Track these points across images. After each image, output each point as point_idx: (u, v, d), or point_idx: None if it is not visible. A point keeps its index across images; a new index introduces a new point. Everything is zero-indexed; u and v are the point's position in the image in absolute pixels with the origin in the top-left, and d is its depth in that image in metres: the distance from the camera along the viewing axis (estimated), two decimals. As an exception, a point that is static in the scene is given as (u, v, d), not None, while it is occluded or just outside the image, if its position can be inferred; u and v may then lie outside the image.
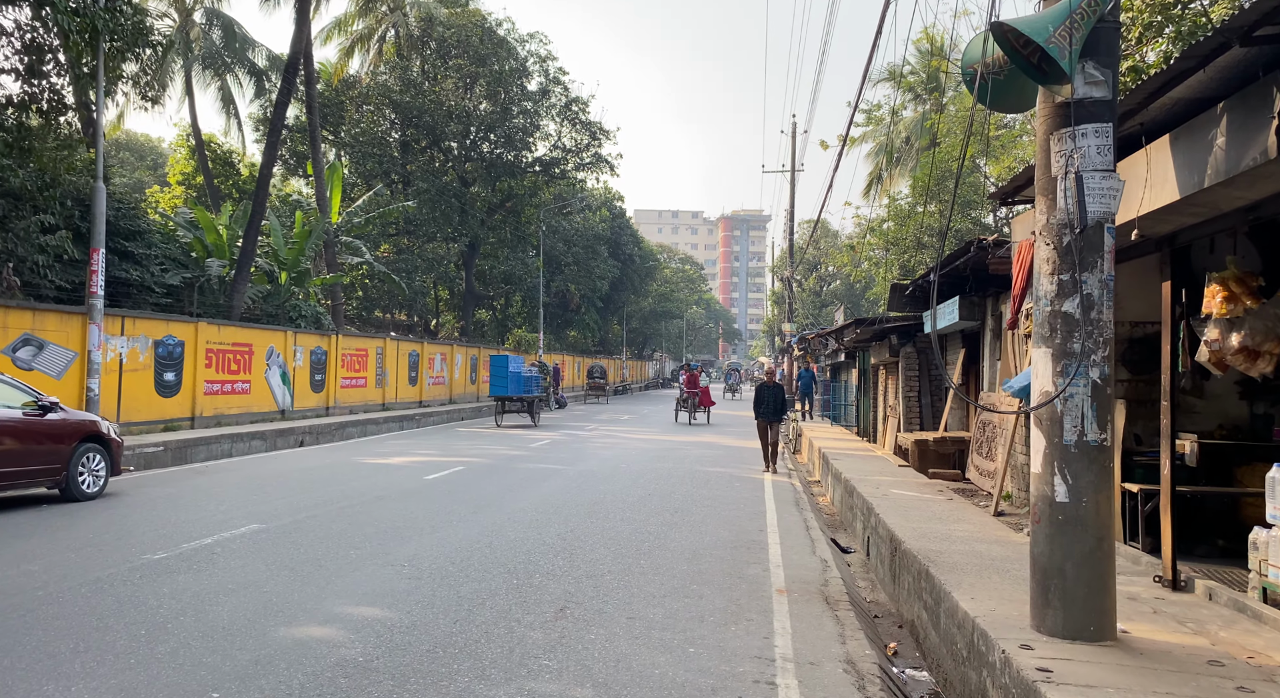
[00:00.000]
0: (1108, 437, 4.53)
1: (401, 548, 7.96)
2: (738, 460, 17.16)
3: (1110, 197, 4.46)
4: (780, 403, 15.45)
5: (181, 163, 37.16)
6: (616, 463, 15.95)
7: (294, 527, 8.81)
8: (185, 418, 18.15)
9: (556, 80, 35.52)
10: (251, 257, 21.42)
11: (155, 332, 17.23)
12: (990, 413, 10.93)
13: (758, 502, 11.83)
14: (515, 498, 11.34)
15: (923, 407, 15.60)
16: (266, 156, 21.12)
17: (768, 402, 15.40)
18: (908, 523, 8.17)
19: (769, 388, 15.55)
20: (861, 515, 9.88)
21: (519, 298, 46.97)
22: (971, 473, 11.57)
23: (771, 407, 15.38)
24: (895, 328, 15.93)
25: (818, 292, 64.07)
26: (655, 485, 12.99)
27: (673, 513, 10.55)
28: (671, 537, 9.04)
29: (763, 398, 15.49)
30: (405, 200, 31.42)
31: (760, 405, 15.53)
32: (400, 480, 12.80)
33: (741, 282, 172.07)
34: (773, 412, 15.40)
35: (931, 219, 28.41)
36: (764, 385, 15.68)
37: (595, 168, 36.87)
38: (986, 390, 11.93)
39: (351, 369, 25.72)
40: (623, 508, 10.80)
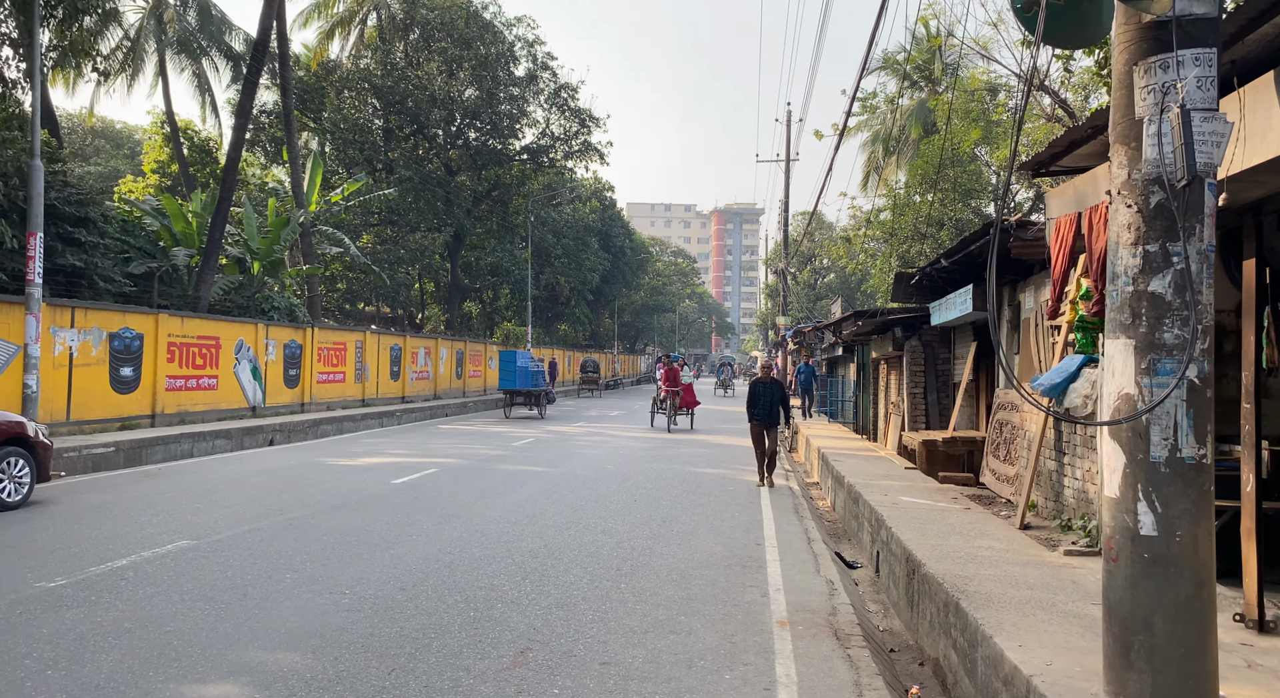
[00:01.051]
0: (1207, 453, 3.54)
1: (346, 570, 6.93)
2: (732, 461, 16.17)
3: (1213, 144, 3.46)
4: (778, 404, 12.92)
5: (156, 150, 35.91)
6: (602, 464, 14.95)
7: (230, 543, 7.78)
8: (145, 416, 17.06)
9: (545, 66, 34.38)
10: (219, 245, 20.30)
11: (110, 324, 16.13)
12: (1010, 415, 9.95)
13: (753, 509, 10.84)
14: (488, 506, 10.32)
15: (929, 404, 14.63)
16: (235, 139, 19.99)
17: (763, 402, 12.91)
18: (925, 539, 7.19)
19: (765, 386, 13.06)
20: (869, 527, 8.90)
21: (507, 291, 45.89)
22: (987, 477, 10.60)
23: (767, 408, 12.87)
24: (899, 320, 14.95)
25: (812, 285, 63.14)
26: (643, 490, 11.99)
27: (660, 523, 9.56)
28: (658, 552, 8.04)
29: (757, 397, 12.97)
30: (387, 189, 30.26)
31: (754, 406, 12.98)
32: (365, 485, 11.77)
33: (734, 275, 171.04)
34: (769, 414, 12.87)
35: (931, 208, 27.46)
36: (759, 382, 13.17)
37: (585, 156, 35.75)
38: (1003, 386, 10.95)
39: (329, 364, 24.64)
40: (605, 517, 9.79)
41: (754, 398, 13.08)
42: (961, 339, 13.76)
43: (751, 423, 13.06)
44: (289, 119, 23.67)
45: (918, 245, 28.31)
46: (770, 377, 13.37)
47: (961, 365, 13.76)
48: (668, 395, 22.74)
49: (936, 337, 14.73)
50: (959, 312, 11.81)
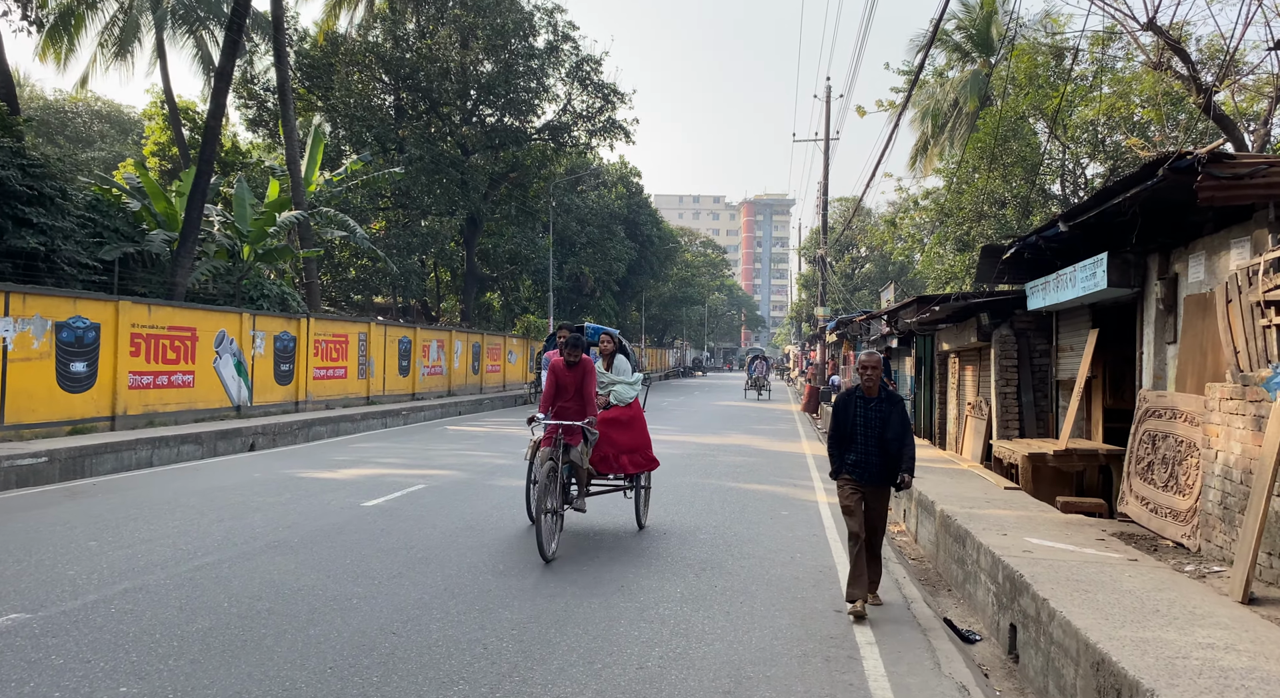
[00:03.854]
0: None
1: (223, 676, 4.54)
2: (779, 474, 13.67)
3: None
4: (900, 443, 6.39)
5: (157, 133, 33.98)
6: (625, 477, 12.48)
7: (78, 618, 5.41)
8: (103, 418, 14.89)
9: (566, 36, 31.90)
10: (197, 225, 18.12)
11: (57, 312, 13.95)
12: (1172, 424, 7.34)
13: (819, 546, 8.34)
14: (472, 543, 7.91)
15: (1023, 406, 12.01)
16: (214, 105, 17.78)
17: (867, 437, 6.42)
18: (1108, 624, 4.67)
19: (871, 405, 6.44)
20: (993, 585, 6.37)
21: (529, 282, 43.61)
22: (1131, 507, 8.00)
23: (877, 450, 6.39)
24: (985, 304, 12.34)
25: (849, 274, 60.18)
26: (674, 518, 9.53)
27: (699, 572, 7.10)
28: (697, 628, 5.59)
29: (852, 426, 6.47)
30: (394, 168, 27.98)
31: (847, 444, 6.50)
32: (326, 509, 9.42)
33: (765, 267, 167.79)
34: (881, 465, 6.40)
35: (995, 184, 24.67)
36: (857, 396, 6.52)
37: (609, 134, 33.24)
38: (1148, 387, 8.34)
39: (328, 358, 22.43)
40: (625, 563, 7.35)
41: (845, 427, 6.47)
42: (1069, 327, 11.13)
43: (841, 480, 6.46)
44: (284, 89, 21.50)
45: (977, 226, 25.57)
46: (880, 382, 6.50)
47: (1069, 359, 11.14)
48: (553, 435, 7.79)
49: (1030, 324, 12.11)
50: (1080, 290, 9.20)
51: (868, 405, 6.44)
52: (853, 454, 6.46)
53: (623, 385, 8.61)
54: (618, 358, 8.78)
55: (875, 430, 6.38)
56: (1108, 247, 8.79)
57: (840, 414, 6.57)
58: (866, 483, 6.41)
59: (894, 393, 6.62)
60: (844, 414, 6.54)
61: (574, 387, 7.69)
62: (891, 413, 6.43)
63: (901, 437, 6.41)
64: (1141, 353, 8.53)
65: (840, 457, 6.54)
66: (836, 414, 6.61)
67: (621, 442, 8.36)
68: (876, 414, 6.41)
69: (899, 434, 6.40)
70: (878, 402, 6.44)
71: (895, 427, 6.40)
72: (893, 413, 6.43)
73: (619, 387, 8.59)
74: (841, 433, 6.55)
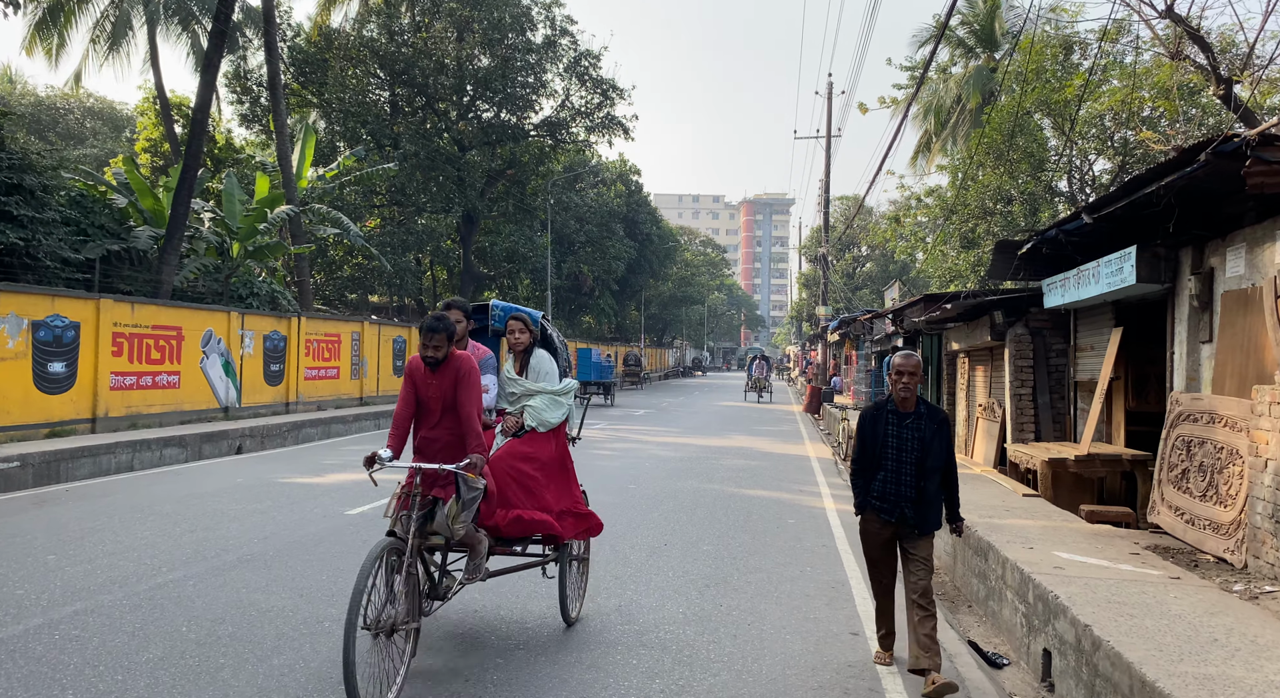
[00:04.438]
0: None
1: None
2: (783, 479, 13.17)
3: None
4: (943, 471, 5.06)
5: (149, 129, 33.45)
6: (623, 483, 12.00)
7: (12, 646, 4.89)
8: (83, 420, 14.38)
9: (564, 31, 31.36)
10: (183, 221, 17.60)
11: (34, 310, 13.44)
12: (1211, 430, 6.83)
13: (829, 558, 7.84)
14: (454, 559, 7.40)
15: (1039, 408, 11.51)
16: (201, 97, 17.24)
17: (900, 462, 5.00)
18: (1169, 660, 4.17)
19: (906, 421, 5.01)
20: (1021, 604, 5.86)
21: (527, 281, 43.09)
22: (1163, 517, 7.49)
23: (911, 482, 4.97)
24: (999, 301, 11.83)
25: (850, 274, 59.66)
26: (675, 525, 9.03)
27: (703, 588, 6.59)
28: (702, 655, 5.09)
29: (883, 447, 5.05)
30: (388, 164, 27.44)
31: (872, 471, 5.11)
32: (308, 517, 8.91)
33: (764, 267, 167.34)
34: (919, 501, 4.97)
35: (1002, 181, 24.18)
36: (889, 410, 5.09)
37: (608, 130, 32.71)
38: (1180, 389, 7.84)
39: (320, 358, 21.92)
40: (621, 576, 6.85)
41: (872, 449, 5.10)
42: (1089, 325, 10.62)
43: (866, 519, 5.16)
44: (274, 82, 20.99)
45: (983, 223, 25.09)
46: (917, 396, 5.08)
47: (1089, 359, 10.64)
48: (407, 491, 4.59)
49: (1046, 323, 11.61)
50: (1104, 286, 8.70)
51: (902, 423, 5.00)
52: (879, 483, 5.04)
53: (544, 400, 5.40)
54: (537, 355, 5.49)
55: (911, 455, 4.95)
56: (1134, 240, 8.29)
57: (866, 433, 5.11)
58: (898, 523, 4.99)
59: (936, 408, 5.16)
60: (870, 433, 5.08)
61: (441, 402, 4.64)
62: (934, 435, 4.95)
63: (946, 467, 5.04)
64: (1172, 353, 8.03)
65: (865, 487, 5.12)
66: (862, 432, 5.16)
67: (541, 490, 5.21)
68: (913, 435, 4.96)
69: (943, 462, 5.00)
70: (914, 418, 4.99)
71: (938, 453, 4.95)
72: (935, 435, 4.95)
73: (538, 402, 5.39)
74: (867, 457, 5.10)
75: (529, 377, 5.50)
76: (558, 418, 5.53)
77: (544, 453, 5.36)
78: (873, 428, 5.10)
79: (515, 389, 5.50)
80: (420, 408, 4.77)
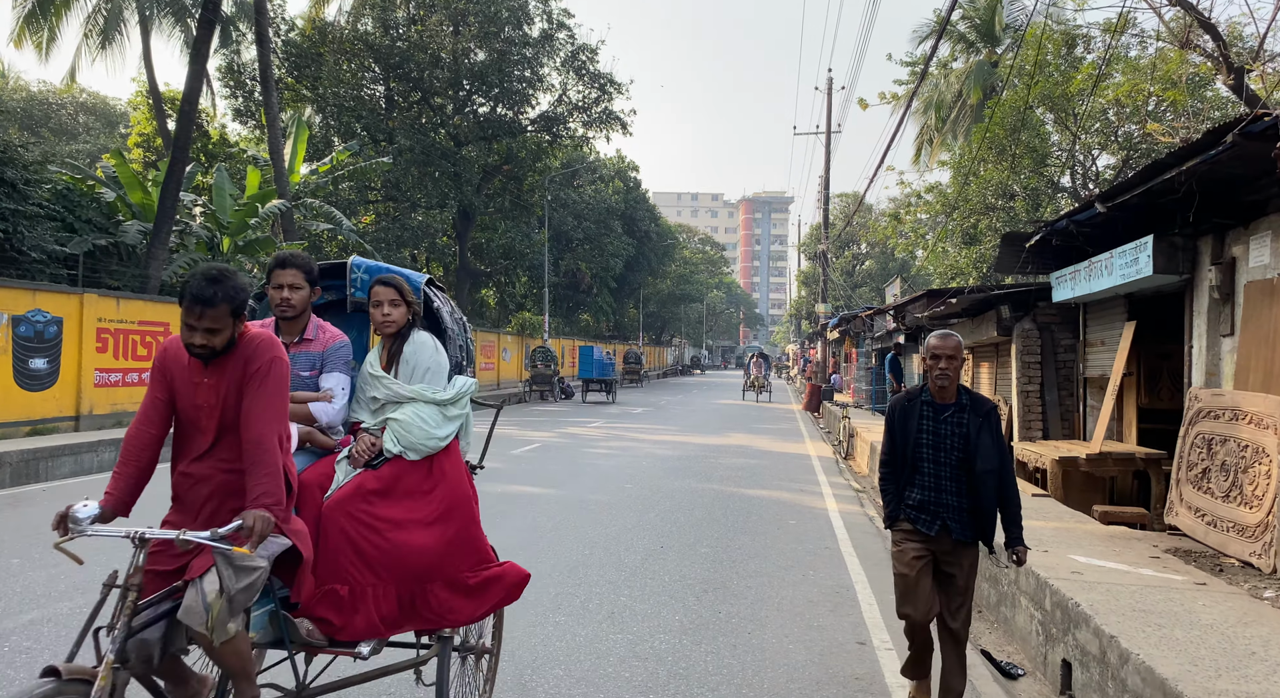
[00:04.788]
0: None
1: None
2: (784, 477, 12.84)
3: None
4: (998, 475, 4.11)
5: (142, 124, 33.10)
6: (620, 482, 11.67)
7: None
8: (66, 417, 14.04)
9: (561, 24, 31.00)
10: (171, 215, 17.26)
11: (14, 305, 13.09)
12: (1234, 427, 6.51)
13: (832, 561, 7.51)
14: (446, 559, 7.07)
15: (1046, 405, 11.19)
16: (189, 87, 16.89)
17: (943, 464, 4.14)
18: (1206, 677, 3.85)
19: (942, 416, 4.17)
20: (1037, 611, 5.53)
21: (525, 278, 42.74)
22: (1182, 518, 7.17)
23: (955, 483, 4.11)
24: (1007, 296, 11.51)
25: (849, 271, 59.35)
26: (672, 527, 8.70)
27: (700, 593, 6.26)
28: (699, 667, 4.77)
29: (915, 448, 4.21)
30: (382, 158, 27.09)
31: (911, 474, 4.22)
32: (291, 519, 8.57)
33: (763, 265, 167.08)
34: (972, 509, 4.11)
35: (1005, 176, 23.89)
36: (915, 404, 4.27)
37: (605, 125, 32.36)
38: (1199, 385, 7.52)
39: (312, 355, 21.54)
40: (616, 581, 6.51)
41: (905, 448, 4.24)
42: (1099, 319, 10.30)
43: (898, 531, 4.25)
44: (266, 75, 20.62)
45: (985, 219, 24.80)
46: (958, 384, 4.25)
47: (1098, 355, 10.31)
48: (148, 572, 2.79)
49: (1055, 318, 11.29)
50: (1118, 278, 8.39)
51: (939, 416, 4.16)
52: (917, 490, 4.16)
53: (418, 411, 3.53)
54: (415, 341, 3.65)
55: (952, 454, 4.10)
56: (1149, 231, 7.97)
57: (896, 428, 4.26)
58: (939, 536, 4.11)
59: (981, 397, 4.27)
60: (902, 429, 4.23)
61: (218, 416, 2.96)
62: (979, 429, 4.10)
63: (999, 468, 4.08)
64: (1190, 347, 7.70)
65: (898, 494, 4.25)
66: (891, 428, 4.30)
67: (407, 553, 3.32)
68: (953, 430, 4.12)
69: (994, 463, 4.06)
70: (955, 411, 4.15)
71: (987, 451, 4.05)
72: (982, 428, 4.10)
73: (408, 414, 3.52)
74: (899, 457, 4.24)
75: (399, 373, 3.53)
76: (439, 438, 3.47)
77: (416, 491, 3.38)
78: (903, 423, 4.24)
79: (377, 392, 3.53)
80: (180, 425, 2.96)
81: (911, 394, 4.32)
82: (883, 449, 4.44)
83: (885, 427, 4.40)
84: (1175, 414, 10.13)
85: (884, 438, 4.42)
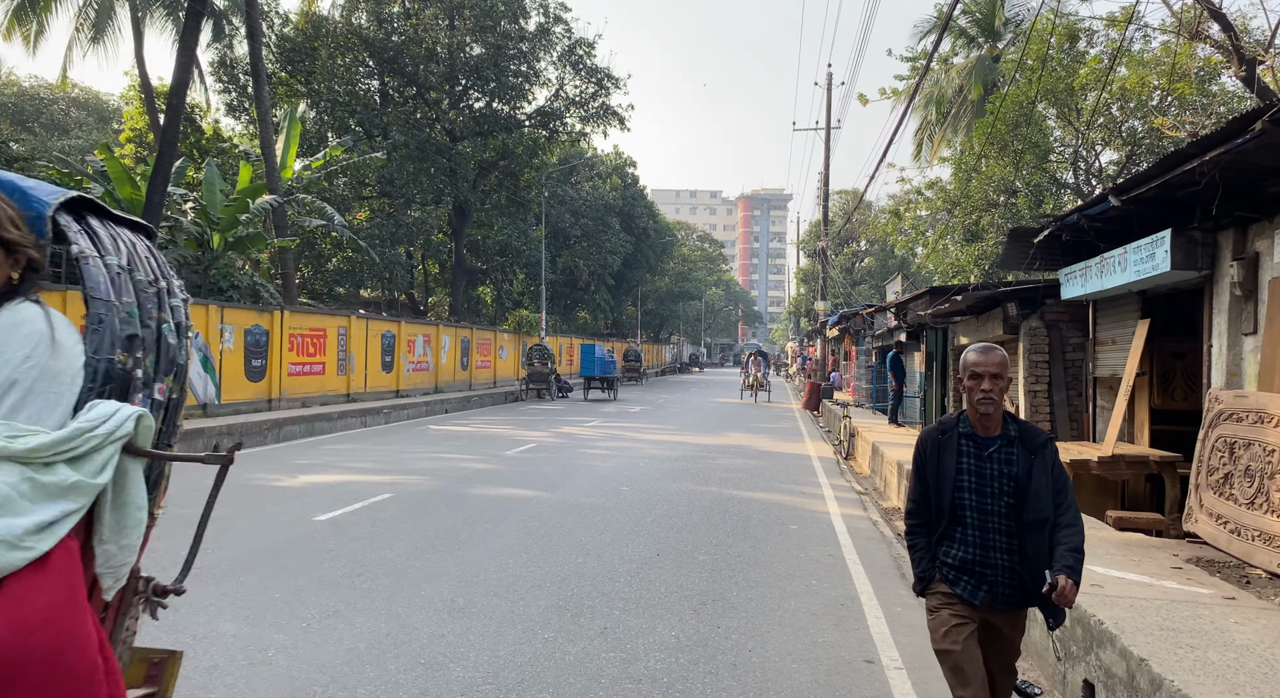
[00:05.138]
0: None
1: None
2: (784, 479, 12.53)
3: None
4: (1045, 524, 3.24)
5: (134, 119, 32.72)
6: (615, 484, 11.35)
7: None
8: (48, 417, 13.69)
9: (557, 18, 30.63)
10: (159, 209, 16.91)
11: (-6, 302, 12.74)
12: (1260, 430, 6.20)
13: (837, 570, 7.19)
14: (428, 571, 6.76)
15: (1054, 406, 10.88)
16: (177, 79, 16.53)
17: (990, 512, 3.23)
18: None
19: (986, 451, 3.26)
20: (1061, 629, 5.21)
21: (522, 275, 42.40)
22: (1203, 525, 6.85)
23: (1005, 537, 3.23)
24: (1013, 293, 11.19)
25: (849, 269, 59.03)
26: (669, 532, 8.37)
27: (698, 606, 5.94)
28: (696, 693, 4.44)
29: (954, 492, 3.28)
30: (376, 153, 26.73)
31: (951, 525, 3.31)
32: (273, 524, 8.26)
33: (762, 263, 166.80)
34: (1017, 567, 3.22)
35: (1006, 172, 23.57)
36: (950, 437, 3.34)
37: (603, 120, 32.01)
38: (1219, 385, 7.20)
39: (304, 353, 21.24)
40: (610, 593, 6.19)
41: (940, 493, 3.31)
42: (1110, 317, 9.99)
43: (936, 598, 3.33)
44: (257, 67, 20.29)
45: (987, 215, 24.48)
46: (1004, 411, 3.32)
47: (1109, 354, 10.00)
48: None
49: (1063, 316, 10.98)
50: (1132, 275, 8.07)
51: (983, 452, 3.24)
52: (958, 547, 3.26)
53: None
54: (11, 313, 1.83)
55: (1000, 502, 3.19)
56: (1165, 225, 7.64)
57: (928, 469, 3.34)
58: (987, 605, 3.25)
59: (1032, 427, 3.31)
60: (935, 469, 3.30)
61: None
62: (1031, 468, 3.18)
63: (1058, 511, 3.20)
64: (1209, 346, 7.38)
65: (931, 550, 3.34)
66: (921, 468, 3.38)
67: None
68: (1000, 469, 3.20)
69: (1046, 511, 3.18)
70: (1001, 445, 3.23)
71: (1040, 496, 3.16)
72: (1034, 467, 3.18)
73: None
74: (932, 505, 3.33)
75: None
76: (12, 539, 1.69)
77: None
78: (937, 462, 3.30)
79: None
80: None
81: (945, 426, 3.38)
82: (909, 494, 3.48)
83: (913, 466, 3.47)
84: (1189, 415, 9.81)
85: (911, 481, 3.46)
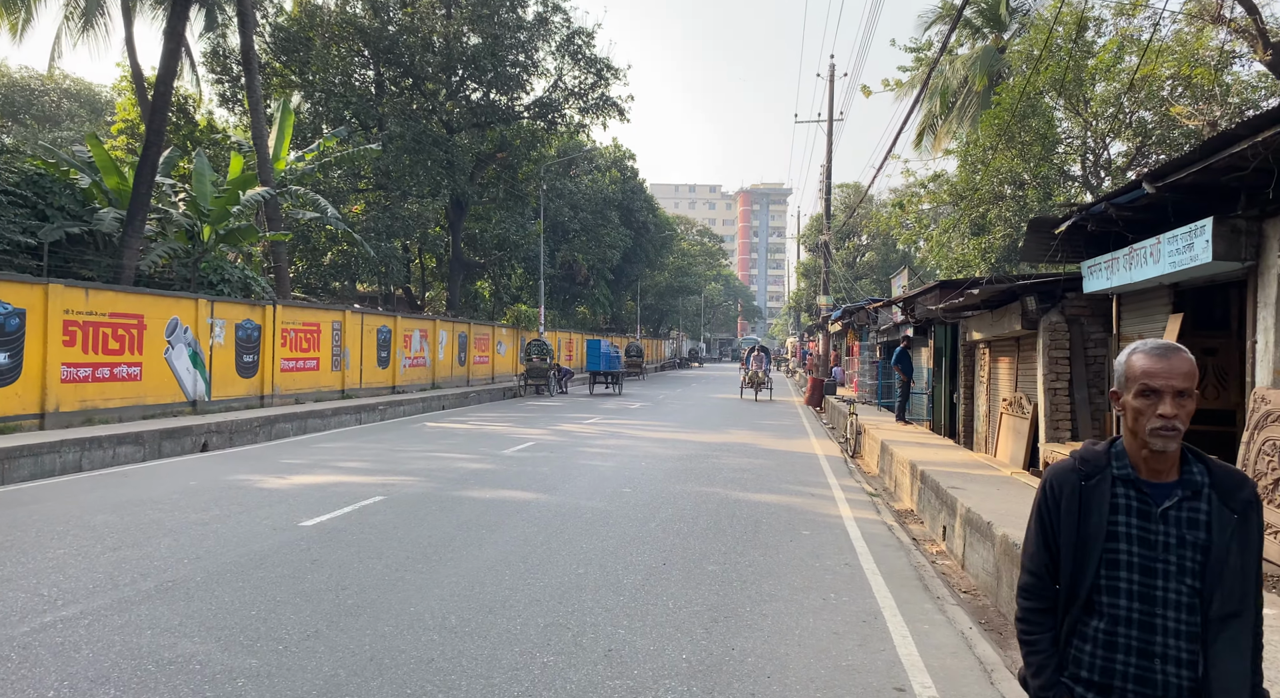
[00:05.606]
0: None
1: None
2: (792, 480, 12.08)
3: None
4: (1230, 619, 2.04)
5: (127, 110, 32.16)
6: (617, 485, 10.90)
7: None
8: (29, 415, 13.24)
9: (556, 7, 30.06)
10: (146, 201, 16.43)
11: (-29, 296, 12.29)
12: (1316, 431, 5.75)
13: (855, 581, 6.74)
14: (419, 583, 6.30)
15: (1075, 404, 10.42)
16: (163, 68, 16.03)
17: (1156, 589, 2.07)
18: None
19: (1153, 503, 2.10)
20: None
21: (520, 270, 41.87)
22: (1246, 535, 6.40)
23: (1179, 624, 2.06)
24: (1032, 286, 10.73)
25: (851, 263, 58.53)
26: (675, 540, 7.93)
27: (709, 624, 5.49)
28: (714, 729, 3.99)
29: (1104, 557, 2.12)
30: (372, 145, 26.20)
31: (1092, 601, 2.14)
32: (256, 530, 7.80)
33: (761, 257, 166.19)
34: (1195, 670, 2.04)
35: (1012, 164, 23.10)
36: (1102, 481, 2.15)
37: (602, 111, 31.49)
38: (1265, 384, 6.75)
39: (298, 349, 20.77)
40: (613, 609, 5.74)
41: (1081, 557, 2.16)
42: (1136, 312, 9.53)
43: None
44: (248, 56, 19.77)
45: (995, 208, 24.03)
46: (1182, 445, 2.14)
47: (1135, 350, 9.53)
48: None
49: (1085, 310, 10.52)
50: (1166, 267, 7.61)
51: (1152, 509, 2.13)
52: (1102, 648, 2.13)
53: None
54: None
55: (1177, 581, 2.09)
56: (1201, 214, 7.19)
57: (1065, 529, 2.21)
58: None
59: (1230, 471, 2.15)
60: (1075, 526, 2.19)
61: None
62: (1230, 533, 2.08)
63: (1242, 600, 2.07)
64: (1253, 342, 6.93)
65: (1056, 647, 2.22)
66: (1047, 521, 2.25)
67: None
68: (1182, 534, 2.10)
69: (1241, 602, 2.07)
70: (1186, 497, 2.12)
71: (1235, 578, 2.06)
72: (1234, 534, 2.08)
73: None
74: (1067, 580, 2.21)
75: None
76: None
77: None
78: (1077, 516, 2.19)
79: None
80: None
81: (1089, 462, 2.22)
82: (1027, 561, 2.31)
83: (1034, 521, 2.29)
84: (1221, 415, 9.39)
85: (1031, 542, 2.30)
